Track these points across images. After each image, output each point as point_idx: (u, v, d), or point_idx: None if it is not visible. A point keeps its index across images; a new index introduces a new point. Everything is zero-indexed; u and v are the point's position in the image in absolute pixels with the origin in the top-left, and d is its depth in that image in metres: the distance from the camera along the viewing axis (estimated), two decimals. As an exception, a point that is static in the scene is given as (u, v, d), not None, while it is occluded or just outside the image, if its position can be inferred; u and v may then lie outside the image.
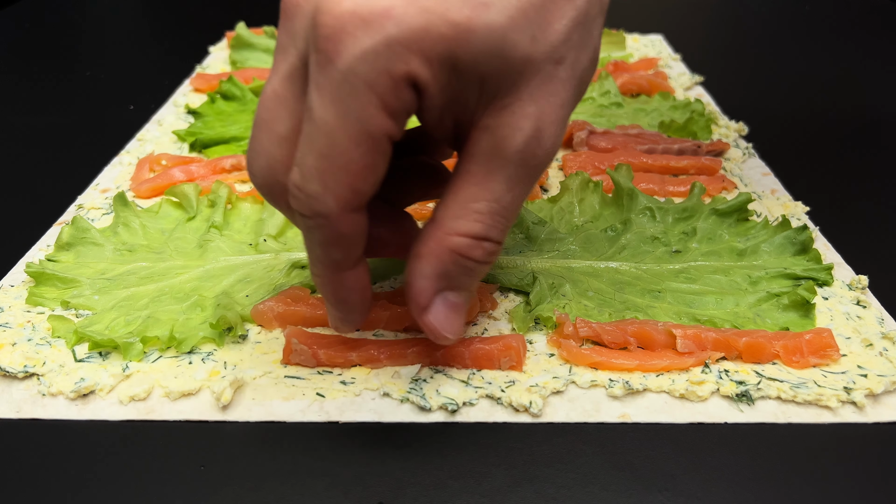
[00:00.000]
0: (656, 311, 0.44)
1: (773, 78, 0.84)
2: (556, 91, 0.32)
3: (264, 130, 0.32)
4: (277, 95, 0.32)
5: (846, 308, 0.45)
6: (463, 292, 0.36)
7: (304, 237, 0.34)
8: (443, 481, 0.34)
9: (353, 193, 0.30)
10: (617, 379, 0.39)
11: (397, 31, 0.28)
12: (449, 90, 0.31)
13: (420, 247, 0.34)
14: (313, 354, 0.39)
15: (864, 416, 0.38)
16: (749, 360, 0.41)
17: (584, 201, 0.53)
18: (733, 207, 0.51)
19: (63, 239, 0.49)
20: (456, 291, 0.35)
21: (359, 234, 0.33)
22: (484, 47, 0.29)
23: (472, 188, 0.33)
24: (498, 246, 0.35)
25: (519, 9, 0.30)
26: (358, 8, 0.28)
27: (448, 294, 0.35)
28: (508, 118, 0.31)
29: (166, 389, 0.38)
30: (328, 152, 0.29)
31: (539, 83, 0.31)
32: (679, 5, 1.14)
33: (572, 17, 0.32)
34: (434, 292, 0.35)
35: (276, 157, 0.32)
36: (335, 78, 0.28)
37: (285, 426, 0.37)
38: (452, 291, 0.35)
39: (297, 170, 0.31)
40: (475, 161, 0.32)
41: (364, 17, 0.28)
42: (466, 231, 0.33)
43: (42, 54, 0.92)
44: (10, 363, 0.40)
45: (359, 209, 0.32)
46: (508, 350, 0.40)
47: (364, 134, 0.29)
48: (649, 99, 0.74)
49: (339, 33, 0.28)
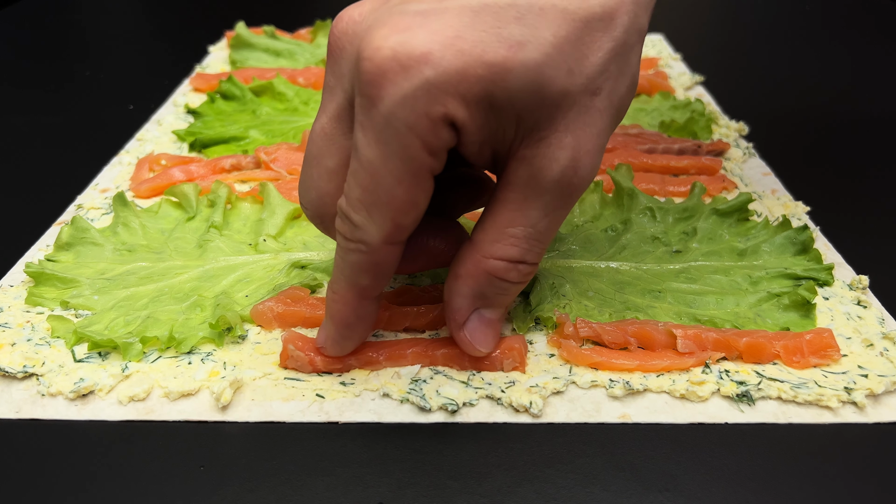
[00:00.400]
0: (656, 311, 0.44)
1: (773, 78, 0.84)
2: (594, 122, 0.33)
3: (314, 166, 0.35)
4: (326, 133, 0.34)
5: (847, 308, 0.45)
6: (498, 309, 0.38)
7: (337, 256, 0.35)
8: (443, 481, 0.34)
9: (394, 227, 0.32)
10: (617, 379, 0.39)
11: (434, 74, 0.29)
12: (487, 127, 0.32)
13: (459, 267, 0.36)
14: (310, 361, 0.39)
15: (865, 417, 0.38)
16: (749, 360, 0.41)
17: (584, 201, 0.53)
18: (734, 207, 0.51)
19: (62, 239, 0.49)
20: (491, 308, 0.38)
21: (391, 266, 0.34)
22: (520, 85, 0.30)
23: (510, 214, 0.34)
24: (533, 267, 0.36)
25: (555, 45, 0.30)
26: (397, 54, 0.29)
27: (484, 311, 0.38)
28: (545, 149, 0.32)
29: (166, 390, 0.38)
30: (373, 188, 0.31)
31: (575, 115, 0.32)
32: (679, 5, 1.14)
33: (609, 49, 0.32)
34: (470, 310, 0.37)
35: (325, 189, 0.35)
36: (378, 121, 0.30)
37: (285, 426, 0.37)
38: (488, 308, 0.38)
39: (344, 199, 0.33)
40: (512, 189, 0.34)
41: (403, 63, 0.29)
42: (503, 255, 0.35)
43: (42, 54, 0.92)
44: (10, 363, 0.40)
45: (398, 243, 0.33)
46: (511, 351, 0.39)
47: (406, 172, 0.31)
48: (649, 99, 0.74)
49: (379, 79, 0.30)
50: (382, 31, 0.30)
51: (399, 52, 0.29)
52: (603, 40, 0.32)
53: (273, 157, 0.59)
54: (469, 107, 0.30)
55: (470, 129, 0.31)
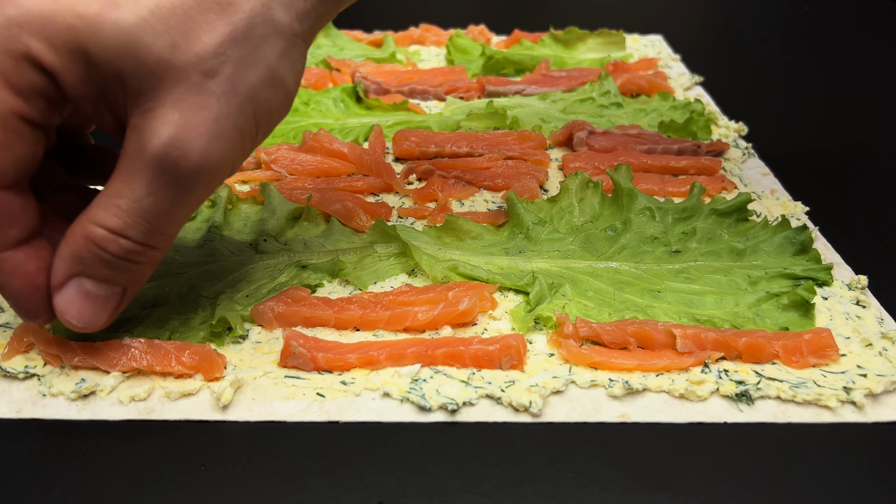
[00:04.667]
0: (656, 310, 0.44)
1: (772, 78, 0.84)
2: (208, 105, 0.33)
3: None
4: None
5: (846, 308, 0.45)
6: (102, 283, 0.36)
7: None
8: (443, 481, 0.34)
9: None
10: (617, 379, 0.39)
11: (16, 13, 0.30)
12: (91, 83, 0.32)
13: (70, 228, 0.35)
14: (312, 359, 0.39)
15: (864, 416, 0.38)
16: (749, 359, 0.41)
17: (584, 201, 0.53)
18: (733, 207, 0.51)
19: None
20: (93, 280, 0.36)
21: (7, 213, 0.33)
22: (113, 43, 0.31)
23: (118, 183, 0.34)
24: (141, 247, 0.35)
25: (154, 13, 0.31)
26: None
27: (84, 281, 0.35)
28: (151, 122, 0.32)
29: (166, 389, 0.38)
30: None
31: (184, 92, 0.32)
32: (679, 5, 1.14)
33: (225, 33, 0.32)
34: (67, 274, 0.35)
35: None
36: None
37: (285, 426, 0.37)
38: (89, 279, 0.36)
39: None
40: (124, 158, 0.34)
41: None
42: (103, 222, 0.34)
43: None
44: (11, 364, 0.40)
45: (1, 187, 0.33)
46: (508, 349, 0.40)
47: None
48: (649, 99, 0.74)
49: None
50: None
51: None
52: (218, 23, 0.32)
53: (273, 157, 0.59)
54: (60, 54, 0.31)
55: (66, 78, 0.31)
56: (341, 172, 0.60)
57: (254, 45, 0.33)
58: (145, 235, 0.35)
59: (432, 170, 0.59)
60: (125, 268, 0.35)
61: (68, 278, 0.35)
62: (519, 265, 0.47)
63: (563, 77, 0.77)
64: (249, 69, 0.33)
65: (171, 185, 0.33)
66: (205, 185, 0.34)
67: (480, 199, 0.57)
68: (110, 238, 0.34)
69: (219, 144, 0.33)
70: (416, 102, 0.74)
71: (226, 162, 0.34)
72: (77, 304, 0.36)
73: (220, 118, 0.33)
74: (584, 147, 0.64)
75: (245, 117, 0.34)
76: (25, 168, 0.33)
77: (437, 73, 0.79)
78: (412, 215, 0.54)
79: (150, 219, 0.34)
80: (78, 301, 0.36)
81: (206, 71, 0.32)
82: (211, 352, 0.39)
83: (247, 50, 0.33)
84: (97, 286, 0.36)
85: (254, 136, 0.36)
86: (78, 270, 0.35)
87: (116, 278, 0.36)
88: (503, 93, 0.75)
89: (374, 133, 0.64)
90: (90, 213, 0.34)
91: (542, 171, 0.60)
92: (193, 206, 0.36)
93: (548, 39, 0.87)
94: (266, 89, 0.34)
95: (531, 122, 0.68)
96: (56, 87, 0.32)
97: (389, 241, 0.49)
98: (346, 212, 0.52)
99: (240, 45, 0.33)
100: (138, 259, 0.35)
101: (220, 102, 0.33)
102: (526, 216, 0.51)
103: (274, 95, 0.35)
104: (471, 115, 0.69)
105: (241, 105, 0.34)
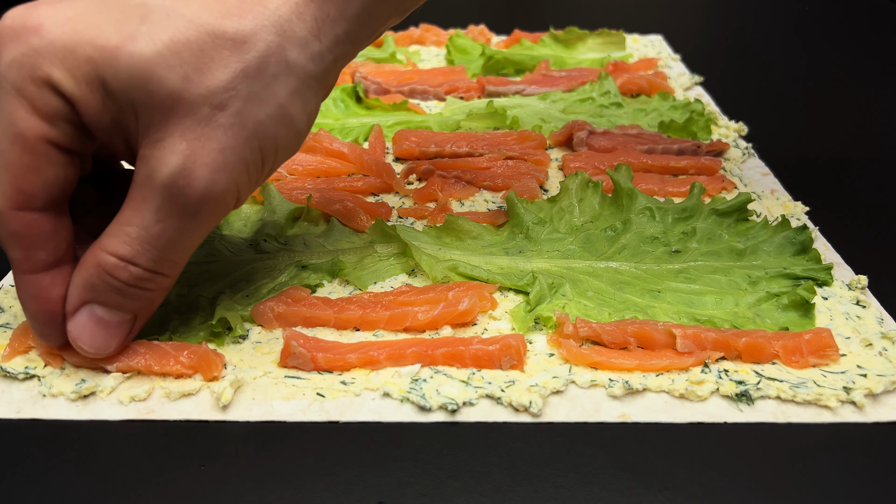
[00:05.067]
0: (656, 310, 0.44)
1: (772, 78, 0.84)
2: (215, 136, 0.34)
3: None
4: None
5: (846, 308, 0.45)
6: (113, 310, 0.37)
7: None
8: (443, 481, 0.34)
9: (17, 193, 0.33)
10: (617, 379, 0.39)
11: (41, 43, 0.32)
12: (107, 112, 0.33)
13: (83, 256, 0.36)
14: (312, 359, 0.39)
15: (864, 416, 0.38)
16: (749, 359, 0.41)
17: (584, 201, 0.53)
18: (733, 207, 0.51)
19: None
20: (105, 307, 0.37)
21: (36, 236, 0.34)
22: (129, 74, 0.32)
23: (129, 212, 0.35)
24: (150, 273, 0.36)
25: (169, 47, 0.32)
26: (13, 23, 0.32)
27: (96, 308, 0.36)
28: (159, 152, 0.34)
29: (166, 390, 0.38)
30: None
31: (193, 124, 0.33)
32: (679, 5, 1.14)
33: (237, 69, 0.34)
34: (80, 301, 0.36)
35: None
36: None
37: (285, 426, 0.37)
38: (100, 306, 0.36)
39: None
40: (134, 187, 0.35)
41: (16, 31, 0.32)
42: (114, 250, 0.35)
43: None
44: (11, 364, 0.40)
45: (31, 209, 0.34)
46: (508, 349, 0.40)
47: (16, 135, 0.32)
48: (649, 99, 0.74)
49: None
50: (19, 7, 0.33)
51: (15, 23, 0.32)
52: (231, 59, 0.34)
53: (273, 157, 0.59)
54: (79, 83, 0.32)
55: (84, 106, 0.33)
56: (341, 172, 0.60)
57: (265, 82, 0.34)
58: (154, 262, 0.36)
59: (432, 170, 0.59)
60: (135, 294, 0.37)
61: (81, 305, 0.36)
62: (519, 265, 0.47)
63: (563, 77, 0.77)
64: (258, 105, 0.35)
65: (177, 213, 0.35)
66: (210, 214, 0.36)
67: (480, 199, 0.57)
68: (121, 265, 0.35)
69: (223, 174, 0.35)
70: (416, 102, 0.74)
71: (230, 192, 0.36)
72: (89, 331, 0.37)
73: (225, 150, 0.34)
74: (584, 147, 0.64)
75: (251, 150, 0.35)
76: (58, 191, 0.34)
77: (437, 73, 0.79)
78: (412, 215, 0.54)
79: (159, 246, 0.35)
80: (90, 327, 0.37)
81: (215, 104, 0.33)
82: (209, 351, 0.39)
83: (257, 86, 0.34)
84: (109, 313, 0.37)
85: (260, 169, 0.37)
86: (90, 297, 0.36)
87: (127, 305, 0.37)
88: (503, 93, 0.75)
89: (374, 133, 0.64)
90: (101, 241, 0.35)
91: (542, 171, 0.60)
92: (201, 235, 0.37)
93: (548, 39, 0.87)
94: (274, 125, 0.35)
95: (531, 122, 0.68)
96: (77, 114, 0.33)
97: (389, 241, 0.49)
98: (346, 212, 0.52)
99: (250, 81, 0.34)
100: (148, 286, 0.37)
101: (227, 134, 0.34)
102: (526, 216, 0.51)
103: (283, 132, 0.36)
104: (471, 115, 0.69)
105: (248, 139, 0.35)
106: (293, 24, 0.35)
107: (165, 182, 0.34)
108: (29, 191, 0.33)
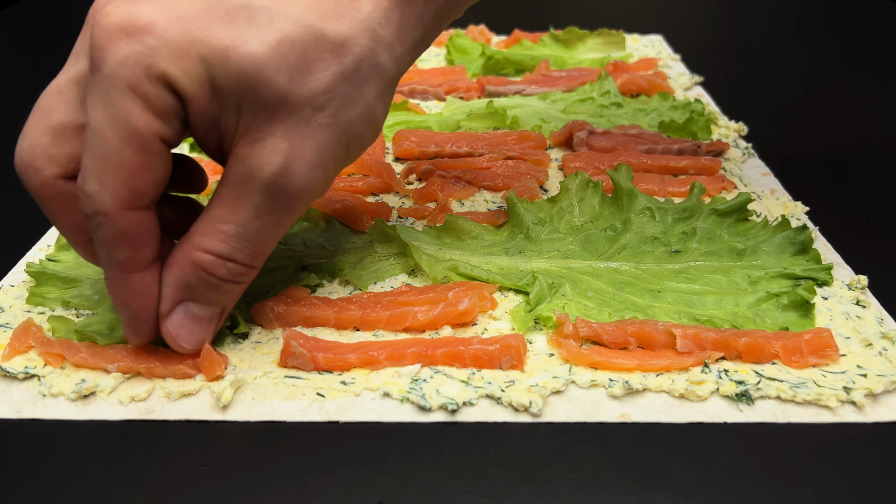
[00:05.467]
0: (656, 310, 0.44)
1: (772, 78, 0.84)
2: (314, 135, 0.35)
3: (38, 116, 0.35)
4: (60, 90, 0.35)
5: (846, 308, 0.45)
6: (208, 306, 0.38)
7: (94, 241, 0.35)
8: (443, 481, 0.34)
9: (129, 191, 0.33)
10: (617, 379, 0.39)
11: (156, 42, 0.32)
12: (211, 111, 0.33)
13: (171, 256, 0.36)
14: (312, 359, 0.39)
15: (864, 416, 0.38)
16: (748, 359, 0.41)
17: (584, 201, 0.53)
18: (733, 207, 0.51)
19: (63, 239, 0.49)
20: (199, 304, 0.37)
21: (144, 234, 0.35)
22: (240, 74, 0.32)
23: (223, 210, 0.35)
24: (245, 268, 0.37)
25: (277, 50, 0.33)
26: (123, 22, 0.32)
27: (191, 305, 0.37)
28: (260, 151, 0.34)
29: (166, 389, 0.38)
30: (102, 152, 0.32)
31: (294, 124, 0.34)
32: (679, 5, 1.14)
33: (336, 71, 0.34)
34: (175, 301, 0.37)
35: (38, 140, 0.35)
36: (102, 83, 0.32)
37: (285, 426, 0.37)
38: (196, 304, 0.37)
39: (80, 177, 0.33)
40: (228, 185, 0.35)
41: (127, 30, 0.32)
42: (211, 248, 0.36)
43: (42, 54, 0.92)
44: (11, 364, 0.40)
45: (140, 208, 0.34)
46: (508, 349, 0.40)
47: (132, 133, 0.32)
48: (649, 99, 0.74)
49: (104, 42, 0.32)
50: (115, 3, 0.32)
51: (125, 21, 0.32)
52: (331, 62, 0.34)
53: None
54: (192, 81, 0.32)
55: (194, 104, 0.33)
56: (341, 172, 0.60)
57: (357, 84, 0.35)
58: (250, 257, 0.37)
59: (432, 170, 0.59)
60: (228, 289, 0.37)
61: (176, 304, 0.37)
62: (519, 265, 0.47)
63: (563, 77, 0.77)
64: (351, 106, 0.36)
65: (276, 210, 0.35)
66: (302, 209, 0.37)
67: (480, 199, 0.57)
68: (218, 263, 0.36)
69: (318, 171, 0.36)
70: (416, 102, 0.74)
71: (322, 187, 0.37)
72: (187, 328, 0.38)
73: (321, 148, 0.35)
74: (584, 147, 0.64)
75: (341, 148, 0.36)
76: (162, 188, 0.35)
77: (437, 73, 0.79)
78: (412, 215, 0.54)
79: (256, 242, 0.36)
80: (188, 325, 0.38)
81: (316, 106, 0.34)
82: (212, 351, 0.39)
83: (351, 88, 0.35)
84: (202, 308, 0.38)
85: (343, 163, 0.38)
86: (186, 296, 0.37)
87: (220, 299, 0.38)
88: (503, 93, 0.75)
89: (374, 133, 0.64)
90: (194, 240, 0.36)
91: (542, 171, 0.60)
92: (289, 228, 0.38)
93: (548, 39, 0.87)
94: (361, 124, 0.37)
95: (531, 122, 0.68)
96: (186, 112, 0.33)
97: (389, 241, 0.49)
98: (346, 212, 0.52)
99: (346, 83, 0.35)
100: (242, 280, 0.38)
101: (324, 134, 0.35)
102: (526, 216, 0.51)
103: (367, 130, 0.37)
104: (471, 115, 0.69)
105: (340, 137, 0.36)
106: (382, 29, 0.36)
107: (268, 181, 0.34)
108: (142, 189, 0.33)
